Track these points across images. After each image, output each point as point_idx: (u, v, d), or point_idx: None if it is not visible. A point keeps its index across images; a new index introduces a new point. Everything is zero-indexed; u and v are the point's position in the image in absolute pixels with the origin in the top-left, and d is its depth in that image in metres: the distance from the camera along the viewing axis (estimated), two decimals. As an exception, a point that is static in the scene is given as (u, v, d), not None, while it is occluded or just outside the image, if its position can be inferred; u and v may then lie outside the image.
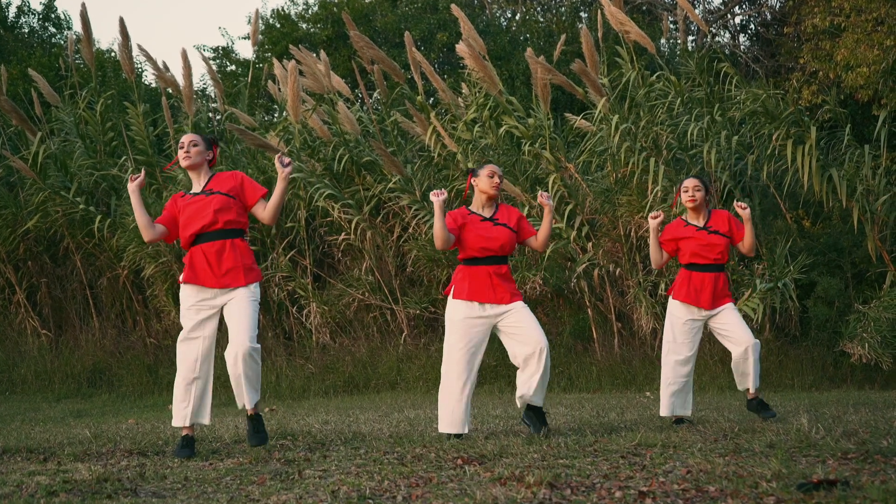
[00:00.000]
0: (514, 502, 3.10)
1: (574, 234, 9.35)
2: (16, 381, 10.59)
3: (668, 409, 5.46)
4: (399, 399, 8.45)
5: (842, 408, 5.90)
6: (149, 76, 14.85)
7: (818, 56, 10.29)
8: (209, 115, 13.26)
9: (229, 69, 16.54)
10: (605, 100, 9.23)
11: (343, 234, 10.20)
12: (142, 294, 11.13)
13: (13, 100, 11.63)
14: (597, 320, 9.47)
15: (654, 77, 9.57)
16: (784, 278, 8.43)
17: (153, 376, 10.30)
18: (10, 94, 12.10)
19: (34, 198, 10.94)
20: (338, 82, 10.90)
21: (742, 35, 16.63)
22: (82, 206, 10.72)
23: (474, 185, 5.04)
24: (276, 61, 11.32)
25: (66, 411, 8.42)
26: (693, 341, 5.48)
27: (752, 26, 16.50)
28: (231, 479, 3.74)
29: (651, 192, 8.87)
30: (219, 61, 16.69)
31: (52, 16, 17.54)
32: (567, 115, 10.25)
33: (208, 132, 4.91)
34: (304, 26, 15.77)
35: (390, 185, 9.97)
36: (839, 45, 9.62)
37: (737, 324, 5.41)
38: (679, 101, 9.33)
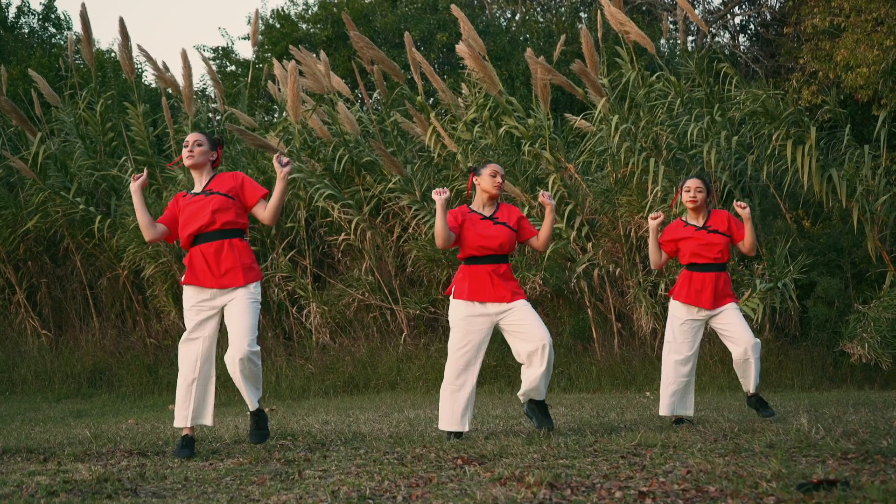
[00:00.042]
0: (514, 502, 3.10)
1: (574, 234, 9.35)
2: (16, 381, 10.59)
3: (668, 408, 5.46)
4: (399, 399, 8.45)
5: (842, 408, 5.90)
6: (149, 76, 14.87)
7: (818, 56, 10.29)
8: (209, 115, 13.26)
9: (229, 69, 16.54)
10: (604, 100, 9.24)
11: (343, 234, 10.21)
12: (142, 294, 11.14)
13: (13, 100, 11.63)
14: (597, 320, 9.47)
15: (654, 77, 9.57)
16: (784, 278, 8.43)
17: (153, 376, 10.30)
18: (10, 94, 12.10)
19: (34, 198, 10.95)
20: (338, 82, 10.90)
21: (742, 35, 16.65)
22: (82, 207, 10.73)
23: (476, 184, 5.04)
24: (275, 61, 11.32)
25: (66, 411, 8.42)
26: (693, 341, 5.48)
27: (752, 26, 16.51)
28: (231, 479, 3.74)
29: (651, 193, 8.87)
30: (219, 61, 16.69)
31: (52, 16, 17.54)
32: (567, 115, 10.25)
33: (209, 132, 4.89)
34: (303, 27, 15.78)
35: (390, 186, 9.97)
36: (839, 45, 9.62)
37: (737, 324, 5.41)
38: (679, 101, 9.33)
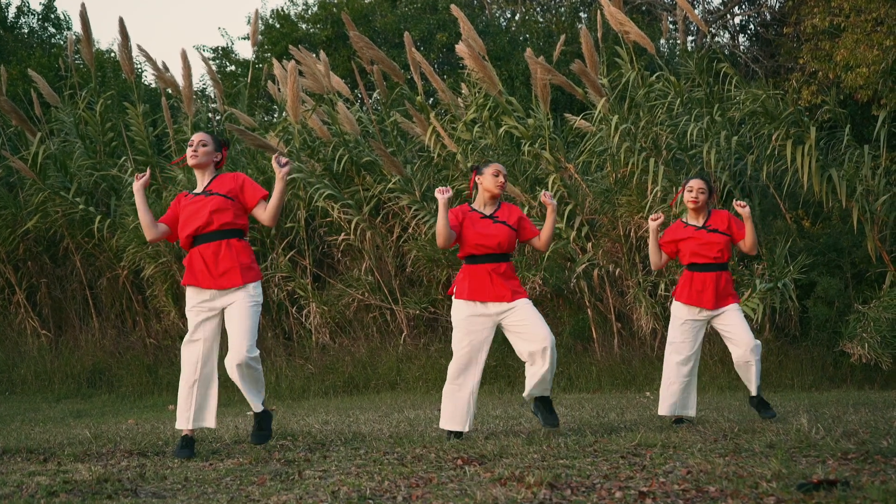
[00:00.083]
0: (514, 502, 3.10)
1: (574, 234, 9.35)
2: (16, 382, 10.59)
3: (669, 409, 5.46)
4: (399, 399, 8.45)
5: (842, 408, 5.90)
6: (148, 76, 14.87)
7: (818, 56, 10.29)
8: (209, 115, 13.26)
9: (229, 69, 16.54)
10: (604, 100, 9.23)
11: (343, 234, 10.20)
12: (141, 294, 11.14)
13: (13, 100, 11.63)
14: (596, 320, 9.47)
15: (654, 77, 9.57)
16: (784, 278, 8.43)
17: (153, 376, 10.30)
18: (9, 94, 12.10)
19: (34, 198, 10.95)
20: (337, 83, 10.89)
21: (741, 35, 16.65)
22: (82, 207, 10.73)
23: (478, 183, 5.03)
24: (275, 62, 11.32)
25: (65, 412, 8.42)
26: (694, 341, 5.48)
27: (752, 26, 16.50)
28: (231, 479, 3.74)
29: (651, 193, 8.87)
30: (218, 61, 16.69)
31: (52, 16, 17.53)
32: (567, 115, 10.25)
33: (215, 133, 4.89)
34: (303, 27, 15.77)
35: (390, 186, 9.96)
36: (839, 45, 9.62)
37: (738, 325, 5.41)
38: (679, 101, 9.33)
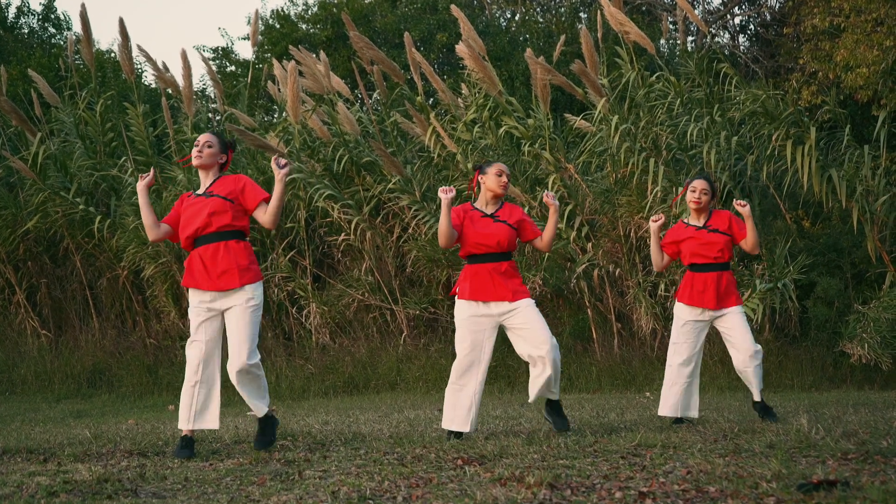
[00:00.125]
0: (514, 503, 3.10)
1: (574, 234, 9.35)
2: (16, 382, 10.59)
3: (670, 409, 5.46)
4: (399, 399, 8.45)
5: (841, 408, 5.90)
6: (149, 77, 14.85)
7: (818, 56, 10.29)
8: (209, 115, 13.26)
9: (229, 70, 16.53)
10: (604, 100, 9.23)
11: (343, 234, 10.20)
12: (141, 294, 11.14)
13: (13, 100, 11.63)
14: (596, 321, 9.47)
15: (654, 77, 9.57)
16: (784, 279, 8.43)
17: (153, 377, 10.30)
18: (9, 94, 12.10)
19: (34, 198, 10.95)
20: (337, 83, 10.90)
21: (741, 35, 16.65)
22: (82, 207, 10.73)
23: (481, 183, 5.01)
24: (275, 62, 11.32)
25: (65, 412, 8.42)
26: (695, 342, 5.48)
27: (752, 27, 16.51)
28: (231, 479, 3.74)
29: (651, 193, 8.87)
30: (218, 62, 16.69)
31: (52, 16, 17.53)
32: (567, 115, 10.25)
33: (222, 135, 4.88)
34: (303, 27, 15.77)
35: (390, 186, 9.96)
36: (839, 45, 9.62)
37: (740, 330, 5.41)
38: (679, 101, 9.33)
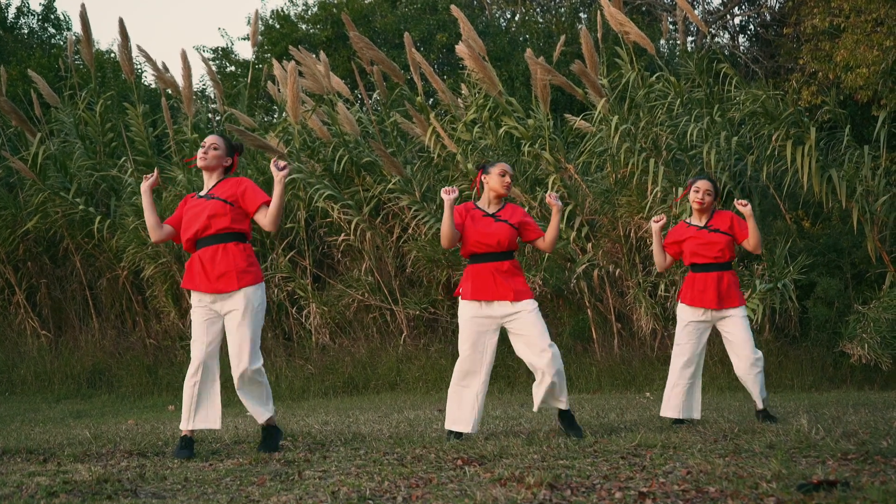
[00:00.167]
0: (514, 503, 3.10)
1: (574, 234, 9.35)
2: (15, 382, 10.59)
3: (672, 410, 5.46)
4: (399, 400, 8.45)
5: (841, 408, 5.90)
6: (148, 77, 14.86)
7: (818, 57, 10.29)
8: (209, 115, 13.26)
9: (229, 70, 16.54)
10: (604, 100, 9.23)
11: (343, 234, 10.20)
12: (141, 295, 11.14)
13: (13, 101, 11.64)
14: (596, 321, 9.47)
15: (654, 78, 9.57)
16: (784, 279, 8.43)
17: (153, 377, 10.30)
18: (9, 94, 12.10)
19: (34, 198, 10.95)
20: (337, 83, 10.89)
21: (741, 36, 16.65)
22: (82, 207, 10.73)
23: (485, 183, 5.00)
24: (275, 62, 11.32)
25: (65, 412, 8.42)
26: (697, 343, 5.47)
27: (752, 27, 16.51)
28: (231, 479, 3.73)
29: (651, 193, 8.87)
30: (218, 62, 16.69)
31: (52, 16, 17.53)
32: (567, 115, 10.26)
33: (229, 138, 4.89)
34: (303, 27, 15.77)
35: (390, 186, 9.96)
36: (838, 45, 9.62)
37: (741, 336, 5.41)
38: (679, 101, 9.33)
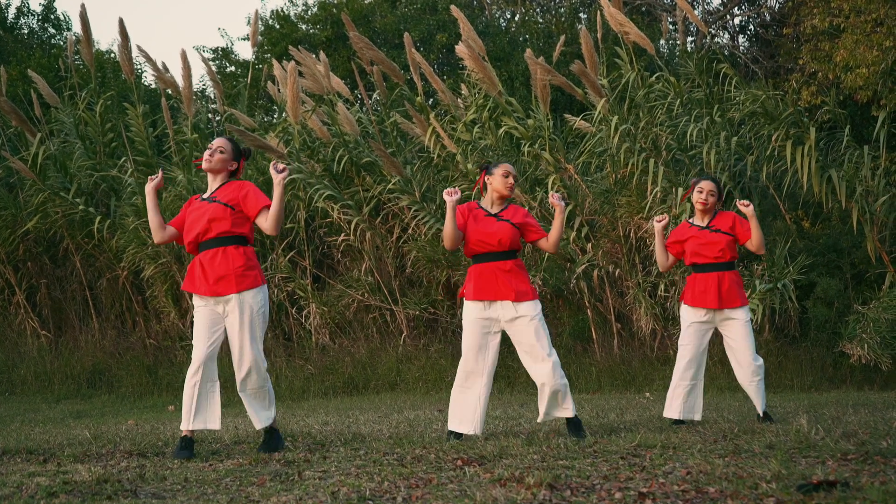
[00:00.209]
0: (513, 503, 3.10)
1: (574, 234, 9.35)
2: (15, 382, 10.59)
3: (674, 411, 5.46)
4: (399, 400, 8.45)
5: (841, 409, 5.90)
6: (148, 77, 14.85)
7: (817, 57, 10.29)
8: (209, 115, 13.26)
9: (229, 70, 16.53)
10: (604, 101, 9.24)
11: (342, 234, 10.20)
12: (141, 295, 11.14)
13: (13, 101, 11.64)
14: (596, 321, 9.47)
15: (654, 78, 9.57)
16: (783, 279, 8.43)
17: (153, 377, 10.30)
18: (9, 95, 12.10)
19: (34, 199, 10.95)
20: (337, 83, 10.89)
21: (741, 36, 16.65)
22: (82, 207, 10.73)
23: (488, 184, 4.98)
24: (275, 62, 11.32)
25: (65, 412, 8.42)
26: (699, 344, 5.47)
27: (752, 27, 16.50)
28: (231, 480, 3.74)
29: (650, 193, 8.87)
30: (218, 62, 16.68)
31: (52, 17, 17.52)
32: (566, 115, 10.26)
33: (231, 139, 4.88)
34: (303, 27, 15.77)
35: (390, 186, 9.96)
36: (838, 45, 9.62)
37: (743, 341, 5.41)
38: (678, 101, 9.33)
